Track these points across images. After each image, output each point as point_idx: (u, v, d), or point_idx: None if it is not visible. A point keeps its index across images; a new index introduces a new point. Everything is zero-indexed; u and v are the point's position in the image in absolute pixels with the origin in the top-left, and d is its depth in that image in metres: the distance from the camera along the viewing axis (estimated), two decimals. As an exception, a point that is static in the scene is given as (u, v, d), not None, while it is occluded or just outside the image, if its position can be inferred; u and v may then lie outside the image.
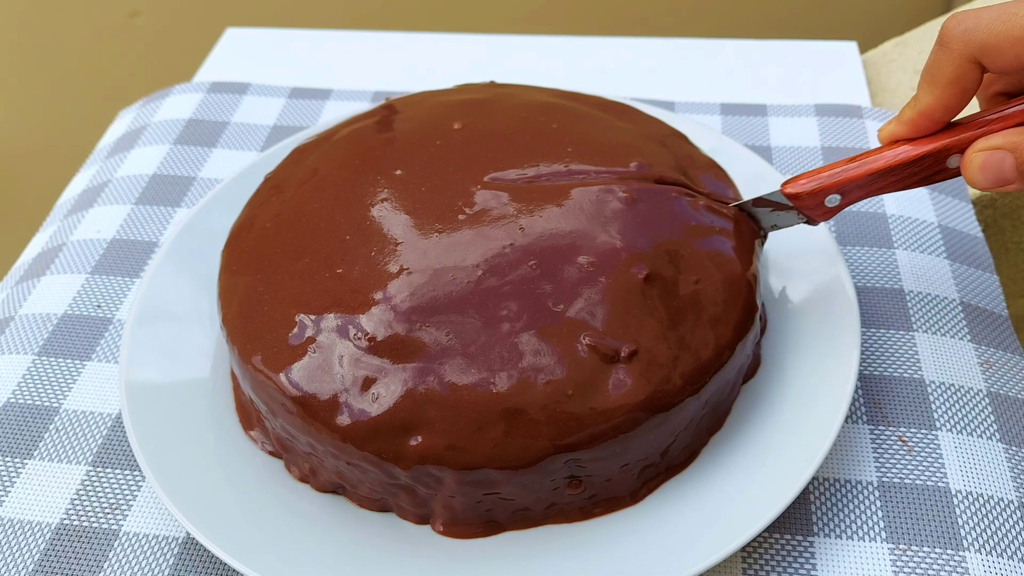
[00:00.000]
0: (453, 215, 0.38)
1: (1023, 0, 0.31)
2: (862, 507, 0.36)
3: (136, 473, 0.39)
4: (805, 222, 0.38)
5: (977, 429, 0.38)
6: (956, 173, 0.35)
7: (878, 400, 0.39)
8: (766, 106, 0.56)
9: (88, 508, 0.37)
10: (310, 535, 0.35)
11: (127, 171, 0.54)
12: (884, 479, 0.36)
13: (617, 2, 1.03)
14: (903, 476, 0.37)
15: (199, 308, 0.43)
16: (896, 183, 0.36)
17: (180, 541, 0.36)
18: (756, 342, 0.39)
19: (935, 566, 0.34)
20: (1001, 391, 0.40)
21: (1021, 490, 0.36)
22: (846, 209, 0.48)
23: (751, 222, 0.39)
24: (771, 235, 0.44)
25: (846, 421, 0.39)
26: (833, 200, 0.37)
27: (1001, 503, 0.36)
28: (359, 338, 0.34)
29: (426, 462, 0.32)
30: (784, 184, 0.37)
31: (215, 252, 0.45)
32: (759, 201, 0.39)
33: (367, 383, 0.33)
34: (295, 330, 0.35)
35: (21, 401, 0.41)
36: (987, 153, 0.33)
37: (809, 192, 0.37)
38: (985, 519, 0.35)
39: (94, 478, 0.38)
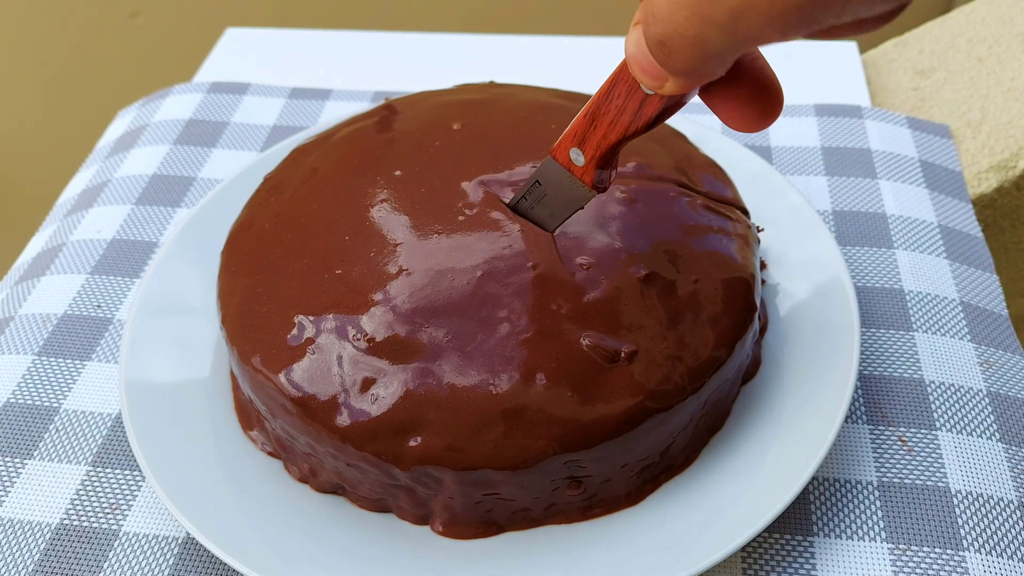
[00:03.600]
0: (452, 216, 0.38)
1: None
2: (862, 507, 0.36)
3: (136, 473, 0.39)
4: (585, 188, 0.34)
5: (977, 429, 0.38)
6: (662, 104, 0.29)
7: (878, 400, 0.39)
8: (766, 106, 0.56)
9: (88, 508, 0.37)
10: (310, 535, 0.35)
11: (127, 171, 0.54)
12: (884, 479, 0.36)
13: (617, 2, 1.03)
14: (903, 476, 0.37)
15: (199, 308, 0.43)
16: (615, 122, 0.30)
17: (180, 541, 0.36)
18: (756, 341, 0.39)
19: (935, 566, 0.34)
20: (1001, 391, 0.40)
21: (1021, 490, 0.36)
22: (846, 209, 0.48)
23: (748, 221, 0.39)
24: (771, 234, 0.44)
25: (846, 421, 0.39)
26: (577, 156, 0.33)
27: (1001, 503, 0.36)
28: (358, 339, 0.34)
29: (425, 463, 0.32)
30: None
31: (215, 252, 0.45)
32: (544, 173, 0.35)
33: (366, 384, 0.33)
34: (294, 331, 0.35)
35: (21, 401, 0.41)
36: (630, 33, 0.26)
37: (558, 149, 0.33)
38: (985, 519, 0.35)
39: (94, 478, 0.38)
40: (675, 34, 0.23)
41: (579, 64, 0.63)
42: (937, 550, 0.34)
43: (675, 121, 0.50)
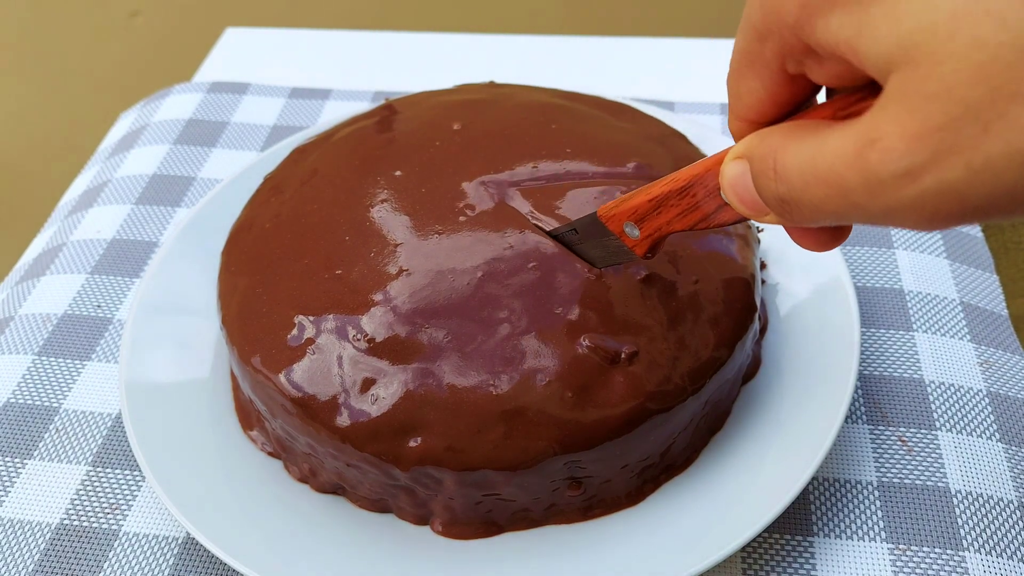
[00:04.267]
0: (453, 216, 0.38)
1: None
2: (862, 507, 0.36)
3: (136, 473, 0.39)
4: (633, 255, 0.33)
5: (977, 429, 0.38)
6: (742, 216, 0.26)
7: (878, 400, 0.39)
8: (766, 106, 0.56)
9: (88, 508, 0.37)
10: (310, 535, 0.35)
11: (127, 171, 0.54)
12: (884, 479, 0.36)
13: (617, 2, 1.03)
14: (903, 476, 0.37)
15: (199, 308, 0.43)
16: (684, 216, 0.29)
17: (180, 541, 0.36)
18: (756, 342, 0.39)
19: (935, 566, 0.34)
20: (1001, 391, 0.40)
21: (1021, 490, 0.36)
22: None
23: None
24: (771, 234, 0.44)
25: (846, 421, 0.39)
26: (632, 230, 0.31)
27: (1001, 503, 0.36)
28: (358, 339, 0.34)
29: (425, 463, 0.32)
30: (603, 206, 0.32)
31: (215, 252, 0.45)
32: (585, 225, 0.34)
33: (366, 384, 0.33)
34: (294, 331, 0.35)
35: (21, 401, 0.41)
36: (731, 164, 0.25)
37: (610, 215, 0.32)
38: (985, 519, 0.35)
39: (94, 478, 0.38)
40: (805, 203, 0.21)
41: (579, 64, 0.63)
42: (937, 550, 0.34)
43: (675, 121, 0.50)
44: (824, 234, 0.26)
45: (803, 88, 0.23)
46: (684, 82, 0.61)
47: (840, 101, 0.22)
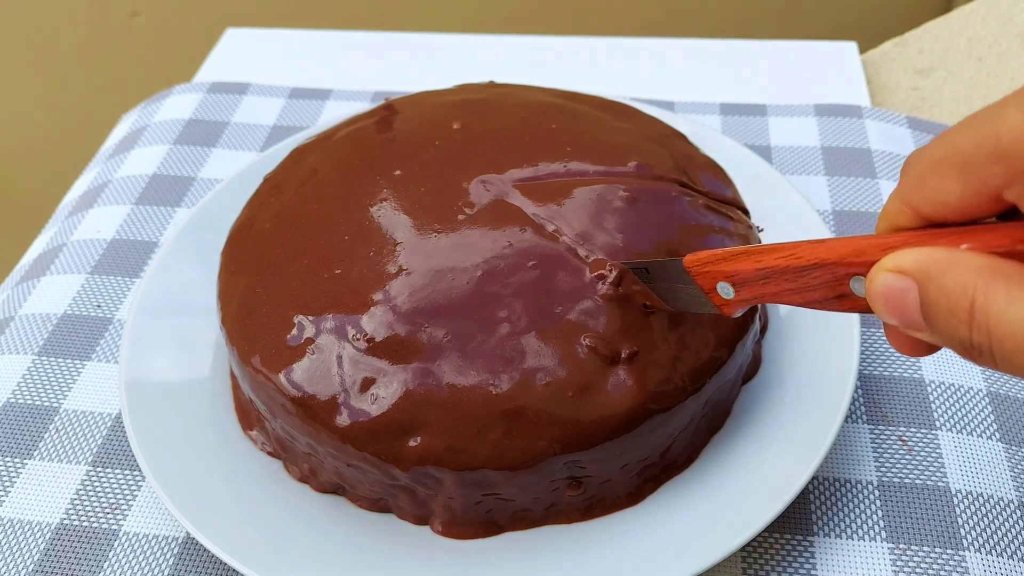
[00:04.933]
0: (452, 215, 0.38)
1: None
2: (862, 507, 0.36)
3: (136, 473, 0.39)
4: (716, 311, 0.31)
5: (977, 429, 0.38)
6: (868, 307, 0.24)
7: (878, 400, 0.39)
8: (766, 106, 0.56)
9: (88, 508, 0.37)
10: (310, 535, 0.35)
11: (127, 171, 0.54)
12: (884, 479, 0.36)
13: (617, 2, 1.03)
14: (903, 476, 0.37)
15: (199, 308, 0.43)
16: (795, 294, 0.26)
17: (180, 541, 0.36)
18: (756, 342, 0.39)
19: (935, 566, 0.34)
20: (1001, 391, 0.40)
21: (1021, 490, 0.36)
22: (846, 209, 0.48)
23: (748, 221, 0.39)
24: (771, 234, 0.44)
25: (846, 421, 0.39)
26: (726, 290, 0.29)
27: (1001, 503, 0.36)
28: (358, 339, 0.34)
29: (425, 463, 0.32)
30: (688, 255, 0.31)
31: (215, 252, 0.45)
32: (662, 268, 0.32)
33: (366, 384, 0.33)
34: (294, 331, 0.35)
35: (21, 401, 0.41)
36: (892, 276, 0.22)
37: (701, 271, 0.30)
38: (985, 519, 0.35)
39: (94, 478, 0.38)
40: (1002, 359, 0.20)
41: (579, 64, 0.63)
42: (937, 550, 0.34)
43: (675, 121, 0.50)
44: (926, 345, 0.24)
45: (999, 207, 0.22)
46: (684, 82, 0.61)
47: None
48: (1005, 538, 0.35)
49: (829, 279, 0.25)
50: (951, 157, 0.22)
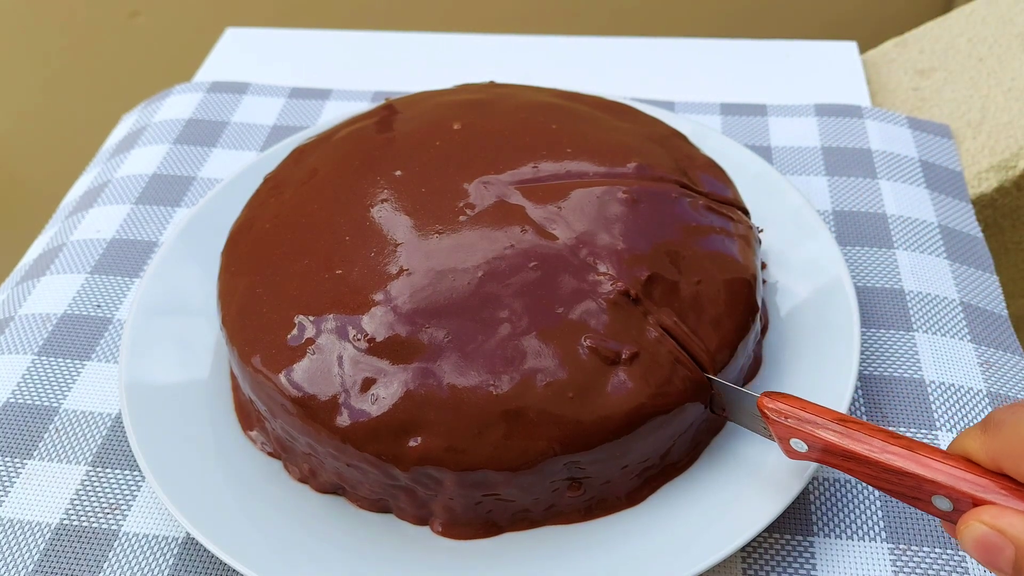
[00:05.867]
0: (453, 216, 0.38)
1: None
2: (862, 507, 0.36)
3: (136, 473, 0.39)
4: (781, 450, 0.33)
5: (977, 429, 0.38)
6: (944, 515, 0.27)
7: (878, 400, 0.39)
8: (766, 106, 0.56)
9: (88, 508, 0.37)
10: (310, 535, 0.35)
11: (127, 171, 0.54)
12: (884, 479, 0.36)
13: (617, 2, 1.03)
14: (903, 476, 0.37)
15: (199, 309, 0.43)
16: (872, 479, 0.29)
17: (180, 541, 0.36)
18: (756, 342, 0.39)
19: (935, 566, 0.34)
20: (1001, 391, 0.40)
21: (1021, 490, 0.36)
22: (846, 209, 0.48)
23: (749, 221, 0.39)
24: (771, 234, 0.44)
25: (846, 421, 0.39)
26: (799, 445, 0.31)
27: (1001, 503, 0.36)
28: (358, 339, 0.34)
29: (426, 463, 0.32)
30: (764, 395, 0.32)
31: (215, 252, 0.45)
32: (732, 401, 0.34)
33: (367, 384, 0.33)
34: (294, 331, 0.35)
35: (21, 401, 0.41)
36: (991, 532, 0.25)
37: (779, 421, 0.31)
38: (985, 519, 0.35)
39: (94, 478, 0.38)
40: None
41: (579, 64, 0.63)
42: (937, 550, 0.34)
43: (675, 121, 0.50)
44: None
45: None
46: (684, 82, 0.61)
47: None
48: (1005, 538, 0.35)
49: (913, 486, 0.27)
50: None
